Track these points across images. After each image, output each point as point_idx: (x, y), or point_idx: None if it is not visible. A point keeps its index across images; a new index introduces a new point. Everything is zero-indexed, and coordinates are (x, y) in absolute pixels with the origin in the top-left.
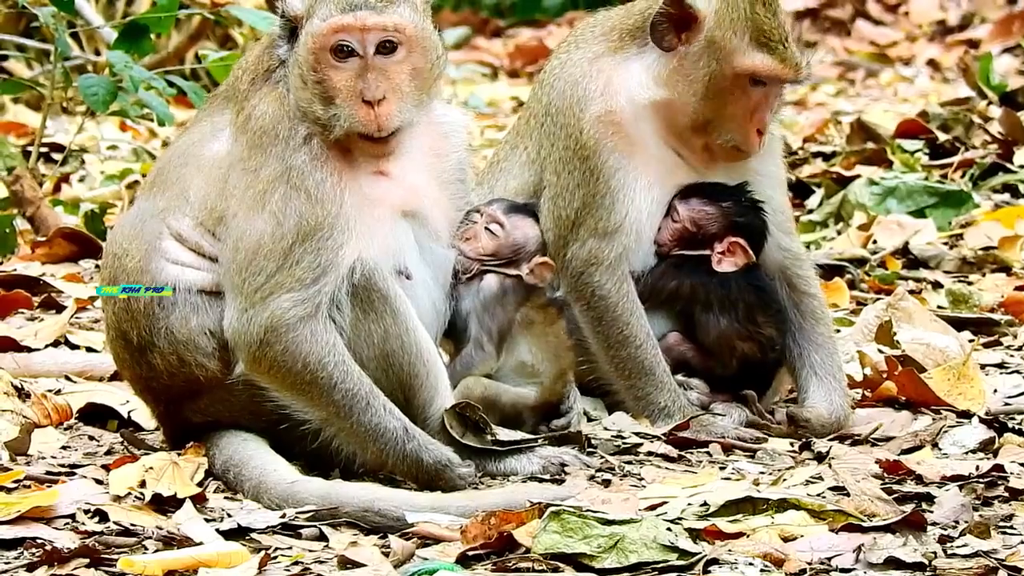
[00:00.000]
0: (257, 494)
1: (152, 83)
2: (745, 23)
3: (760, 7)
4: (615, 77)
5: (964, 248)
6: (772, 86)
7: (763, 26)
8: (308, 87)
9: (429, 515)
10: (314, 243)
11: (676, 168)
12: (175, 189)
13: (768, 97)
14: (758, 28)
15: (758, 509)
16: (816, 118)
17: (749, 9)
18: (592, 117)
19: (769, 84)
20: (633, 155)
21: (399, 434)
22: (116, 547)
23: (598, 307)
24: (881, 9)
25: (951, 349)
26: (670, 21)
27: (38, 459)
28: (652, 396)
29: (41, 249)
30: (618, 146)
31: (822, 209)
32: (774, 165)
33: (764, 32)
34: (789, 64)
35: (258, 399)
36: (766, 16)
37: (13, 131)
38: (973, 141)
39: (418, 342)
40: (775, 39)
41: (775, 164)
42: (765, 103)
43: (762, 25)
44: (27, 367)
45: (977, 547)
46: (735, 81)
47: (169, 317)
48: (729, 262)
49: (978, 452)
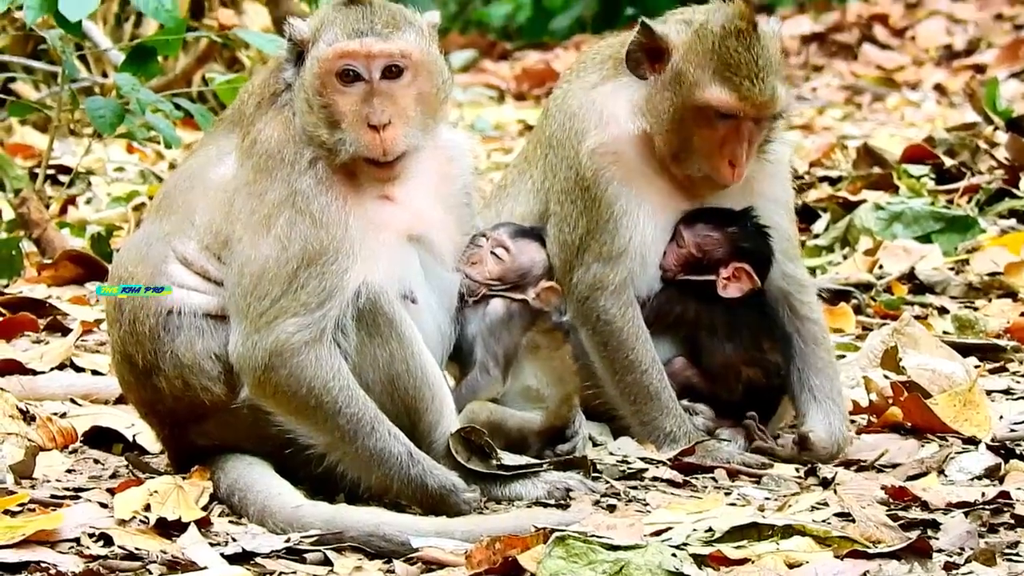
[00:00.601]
0: (262, 518)
1: (159, 105)
2: (711, 56)
3: (732, 40)
4: (607, 108)
5: (970, 274)
6: (743, 119)
7: (729, 60)
8: (314, 111)
9: (434, 540)
10: (319, 267)
11: (678, 193)
12: (181, 213)
13: (739, 130)
14: (723, 62)
15: (763, 535)
16: (822, 142)
17: (719, 42)
18: (588, 150)
19: (739, 117)
20: (632, 182)
21: (404, 459)
22: (120, 571)
23: (603, 332)
24: (888, 34)
25: (957, 375)
26: (643, 51)
27: (43, 482)
28: (658, 421)
29: (47, 271)
30: (616, 175)
31: (828, 234)
32: (781, 190)
33: (730, 66)
34: (752, 100)
35: (263, 423)
36: (736, 50)
37: (20, 153)
38: (979, 166)
39: (423, 366)
40: (741, 74)
41: (782, 189)
42: (736, 136)
43: (728, 59)
44: (32, 390)
45: (983, 574)
46: (698, 113)
47: (174, 341)
48: (734, 287)
49: (984, 479)
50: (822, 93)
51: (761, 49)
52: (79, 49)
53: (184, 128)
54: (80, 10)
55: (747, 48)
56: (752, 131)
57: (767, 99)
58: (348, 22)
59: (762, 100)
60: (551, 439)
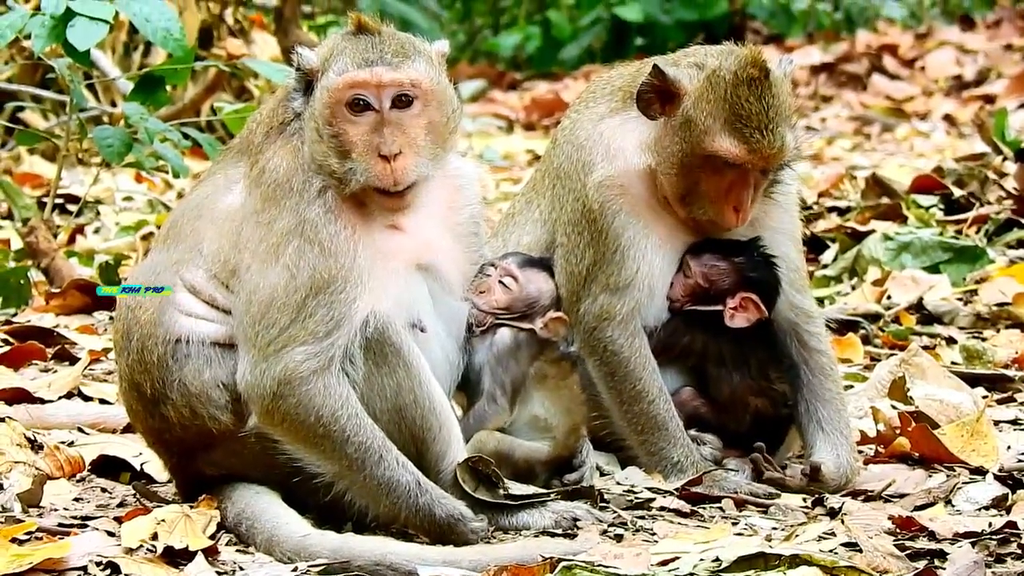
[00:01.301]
0: (269, 547)
1: (167, 135)
2: (722, 105)
3: (744, 89)
4: (615, 141)
5: (978, 304)
6: (750, 169)
7: (740, 110)
8: (324, 140)
9: (441, 569)
10: (327, 296)
11: (684, 226)
12: (189, 241)
13: (746, 178)
14: (734, 112)
15: (770, 565)
16: (831, 173)
17: (731, 91)
18: (596, 182)
19: (747, 168)
20: (639, 215)
21: (412, 488)
22: None
23: (611, 362)
24: (897, 64)
25: (965, 405)
26: (654, 92)
27: (50, 511)
28: (665, 451)
29: (55, 300)
30: (624, 207)
31: (836, 264)
32: (789, 221)
33: (740, 116)
34: (761, 152)
35: (271, 452)
36: (748, 100)
37: (28, 182)
38: (988, 197)
39: (431, 395)
40: (751, 125)
41: (790, 220)
42: (742, 184)
43: (739, 109)
44: (40, 419)
45: None
46: (706, 161)
47: (182, 369)
48: (742, 318)
49: (991, 509)
50: (831, 123)
51: (772, 99)
52: (87, 78)
53: (192, 157)
54: (88, 39)
55: (758, 98)
56: (759, 179)
57: (775, 151)
58: (358, 51)
59: (770, 152)
60: (558, 469)
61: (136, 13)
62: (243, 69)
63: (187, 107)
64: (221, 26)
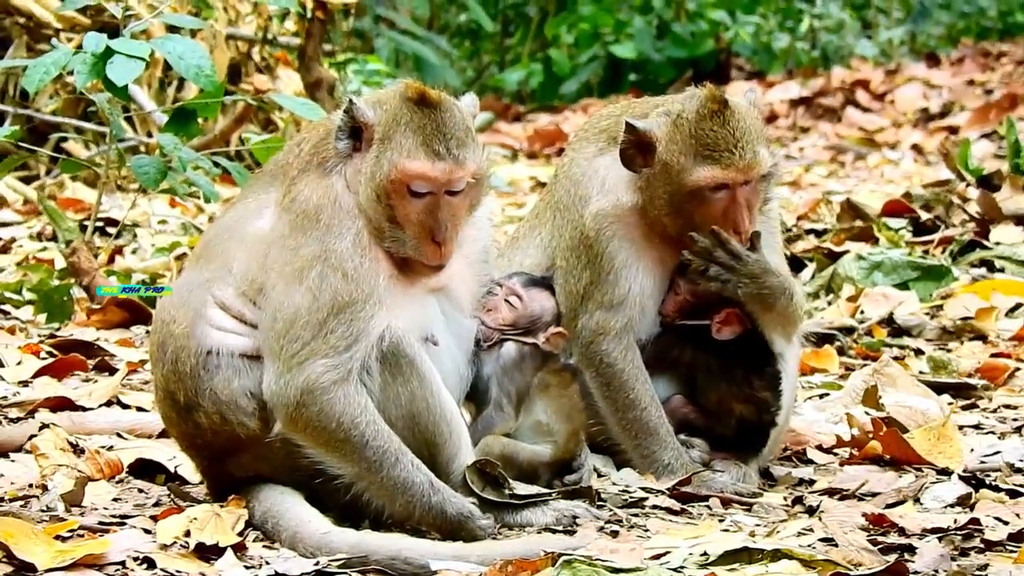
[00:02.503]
0: (293, 543)
1: (199, 163)
2: (690, 141)
3: (707, 123)
4: (609, 178)
5: (944, 318)
6: (734, 187)
7: (708, 140)
8: (380, 204)
9: (451, 563)
10: (348, 315)
11: (674, 249)
12: (219, 261)
13: (735, 198)
14: (701, 143)
15: (754, 559)
16: (809, 198)
17: (695, 127)
18: (592, 213)
19: (730, 186)
20: (632, 240)
21: (425, 487)
22: None
23: (606, 373)
24: (869, 98)
25: (932, 411)
26: (633, 146)
27: (91, 510)
28: (656, 454)
29: (96, 316)
30: (618, 234)
31: (814, 282)
32: (769, 235)
33: (709, 146)
34: (736, 167)
35: (295, 455)
36: (712, 129)
37: (71, 207)
38: (953, 220)
39: (442, 404)
40: (720, 148)
41: (769, 234)
42: (734, 203)
43: (706, 140)
44: (82, 425)
45: None
46: (694, 195)
47: (213, 379)
48: (727, 330)
49: (956, 507)
50: (808, 152)
51: (736, 122)
52: (126, 111)
53: (222, 184)
54: (126, 75)
55: (722, 125)
56: (748, 195)
57: (748, 162)
58: (425, 134)
59: (744, 164)
60: (559, 470)
61: (170, 51)
62: (269, 103)
63: (217, 138)
64: (248, 63)
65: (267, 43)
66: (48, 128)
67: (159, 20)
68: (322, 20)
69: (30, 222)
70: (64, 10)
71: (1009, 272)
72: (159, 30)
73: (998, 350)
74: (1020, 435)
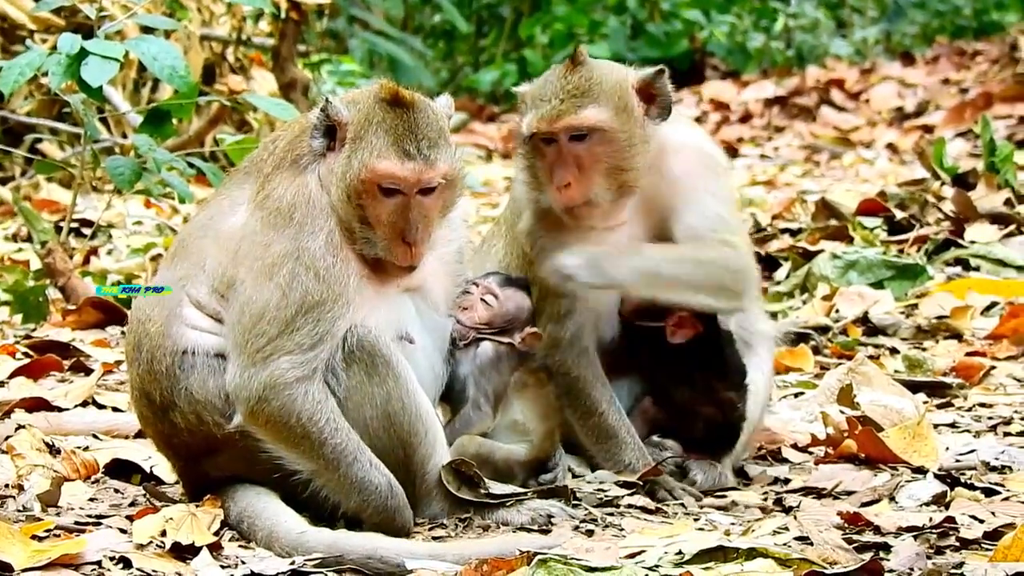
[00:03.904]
0: (269, 543)
1: (174, 164)
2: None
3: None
4: (529, 192)
5: (919, 317)
6: (558, 144)
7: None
8: (351, 204)
9: (427, 562)
10: (316, 314)
11: (610, 237)
12: (193, 259)
13: (561, 152)
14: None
15: (729, 557)
16: (784, 197)
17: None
18: (522, 232)
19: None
20: (564, 246)
21: (383, 489)
22: None
23: (562, 383)
24: (844, 97)
25: (907, 410)
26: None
27: (67, 510)
28: (618, 455)
29: (71, 317)
30: (550, 246)
31: (789, 281)
32: (700, 178)
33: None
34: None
35: (271, 455)
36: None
37: (46, 208)
38: (928, 219)
39: (418, 404)
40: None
41: (701, 178)
42: (557, 159)
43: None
44: (58, 426)
45: None
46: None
47: (189, 378)
48: (680, 334)
49: (931, 505)
50: (783, 152)
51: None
52: (100, 112)
53: (197, 185)
54: (101, 76)
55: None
56: (575, 153)
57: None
58: (396, 135)
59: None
60: (535, 470)
61: (145, 52)
62: (243, 103)
63: (192, 139)
64: (223, 64)
65: (241, 44)
66: (23, 129)
67: (133, 21)
68: (296, 21)
69: (5, 223)
70: (39, 11)
71: (984, 271)
72: (133, 31)
73: (973, 349)
74: (995, 433)
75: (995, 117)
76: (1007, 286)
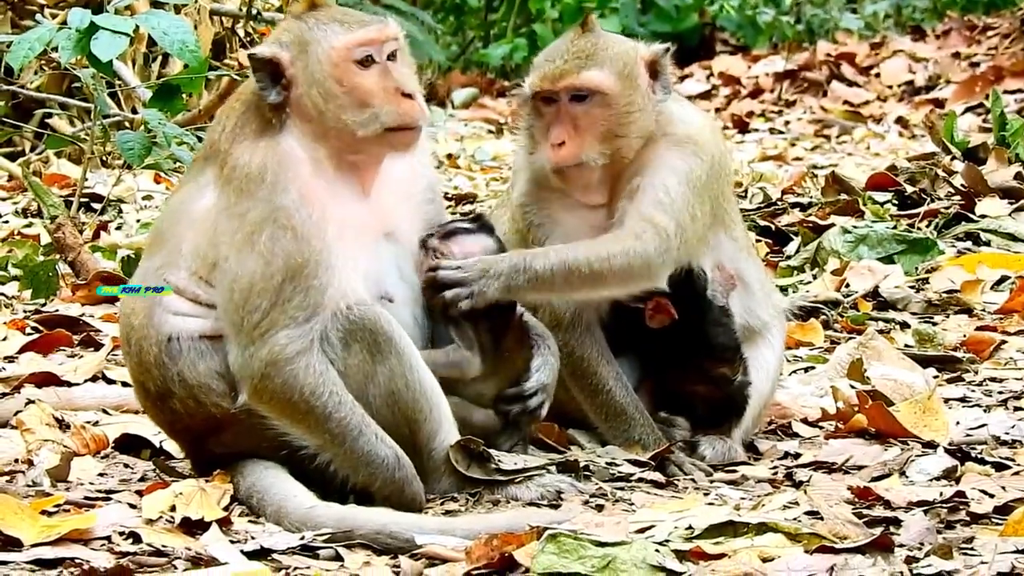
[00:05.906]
0: (278, 518)
1: (184, 139)
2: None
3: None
4: (518, 163)
5: (930, 291)
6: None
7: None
8: (338, 97)
9: (437, 537)
10: (302, 282)
11: (595, 216)
12: (169, 246)
13: (559, 112)
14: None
15: (739, 532)
16: (794, 171)
17: None
18: (514, 201)
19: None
20: (557, 221)
21: (390, 461)
22: (148, 567)
23: (568, 363)
24: (855, 71)
25: (917, 385)
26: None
27: (77, 485)
28: (627, 432)
29: (81, 292)
30: (536, 219)
31: (799, 255)
32: (677, 162)
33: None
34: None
35: (277, 430)
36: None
37: (56, 182)
38: (938, 193)
39: (421, 380)
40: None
41: (678, 161)
42: (556, 119)
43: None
44: (68, 400)
45: (941, 567)
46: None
47: (178, 364)
48: (657, 319)
49: (942, 480)
50: (794, 126)
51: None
52: (110, 87)
53: None
54: (111, 50)
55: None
56: (574, 113)
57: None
58: (335, 19)
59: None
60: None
61: (155, 27)
62: None
63: (201, 113)
64: (233, 38)
65: (251, 18)
66: (33, 104)
67: None
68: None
69: (15, 198)
70: None
71: (995, 245)
72: (143, 5)
73: (984, 323)
74: (1006, 408)
75: (1006, 91)
76: (1017, 260)
